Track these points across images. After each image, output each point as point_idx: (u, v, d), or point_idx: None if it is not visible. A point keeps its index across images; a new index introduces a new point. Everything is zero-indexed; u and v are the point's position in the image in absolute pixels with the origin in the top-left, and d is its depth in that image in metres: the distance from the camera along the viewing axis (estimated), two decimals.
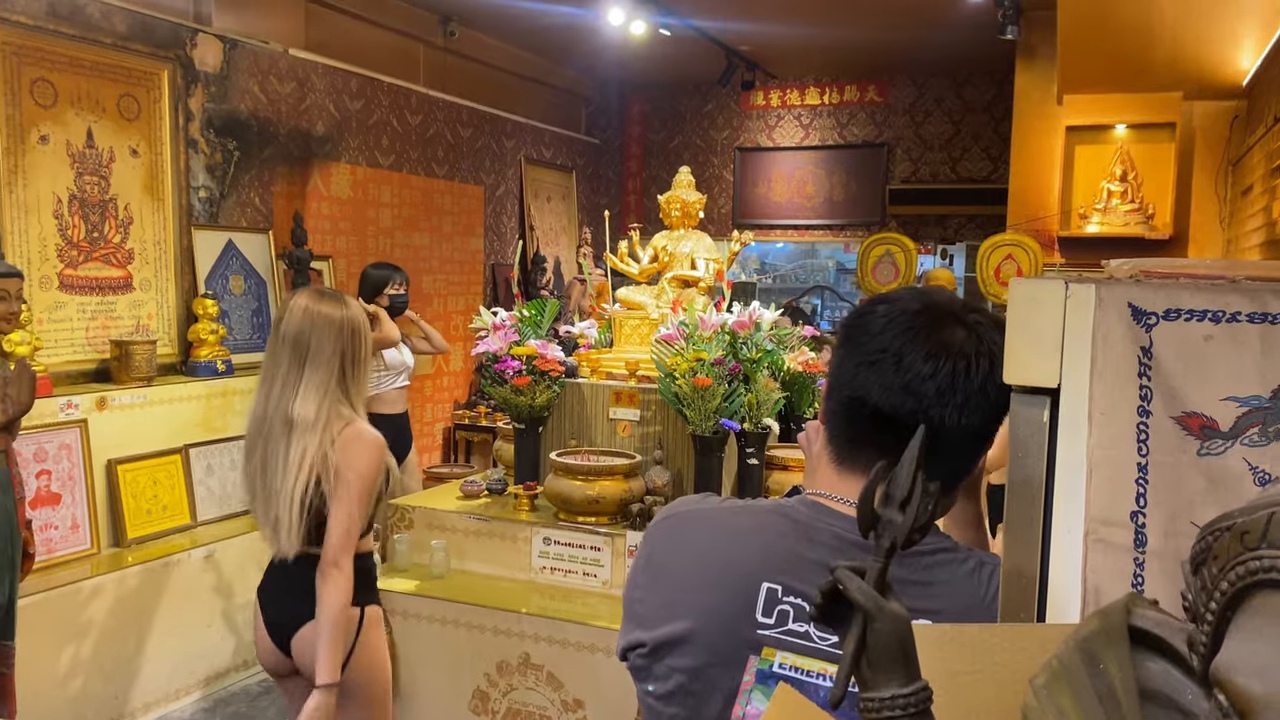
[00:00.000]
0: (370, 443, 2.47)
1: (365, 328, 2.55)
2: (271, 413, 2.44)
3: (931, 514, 0.84)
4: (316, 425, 2.41)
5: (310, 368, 2.43)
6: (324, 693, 2.37)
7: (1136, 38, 4.67)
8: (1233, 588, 0.53)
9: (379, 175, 6.36)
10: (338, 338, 2.45)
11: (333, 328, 2.45)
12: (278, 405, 2.44)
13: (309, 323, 2.44)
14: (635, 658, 1.17)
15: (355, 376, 2.50)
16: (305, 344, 2.43)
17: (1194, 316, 0.91)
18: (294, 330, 2.44)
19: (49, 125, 4.20)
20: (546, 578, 3.24)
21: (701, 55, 7.50)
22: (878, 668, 0.78)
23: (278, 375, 2.45)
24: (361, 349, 2.51)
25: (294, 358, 2.44)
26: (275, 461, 2.43)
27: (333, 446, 2.42)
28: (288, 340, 2.45)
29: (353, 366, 2.49)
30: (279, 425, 2.43)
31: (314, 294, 2.52)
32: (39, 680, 3.53)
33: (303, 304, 2.47)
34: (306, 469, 2.40)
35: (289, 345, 2.44)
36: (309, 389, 2.42)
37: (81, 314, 4.37)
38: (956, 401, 1.07)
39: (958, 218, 8.27)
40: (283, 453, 2.42)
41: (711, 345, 3.21)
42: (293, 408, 2.42)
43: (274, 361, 2.48)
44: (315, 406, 2.42)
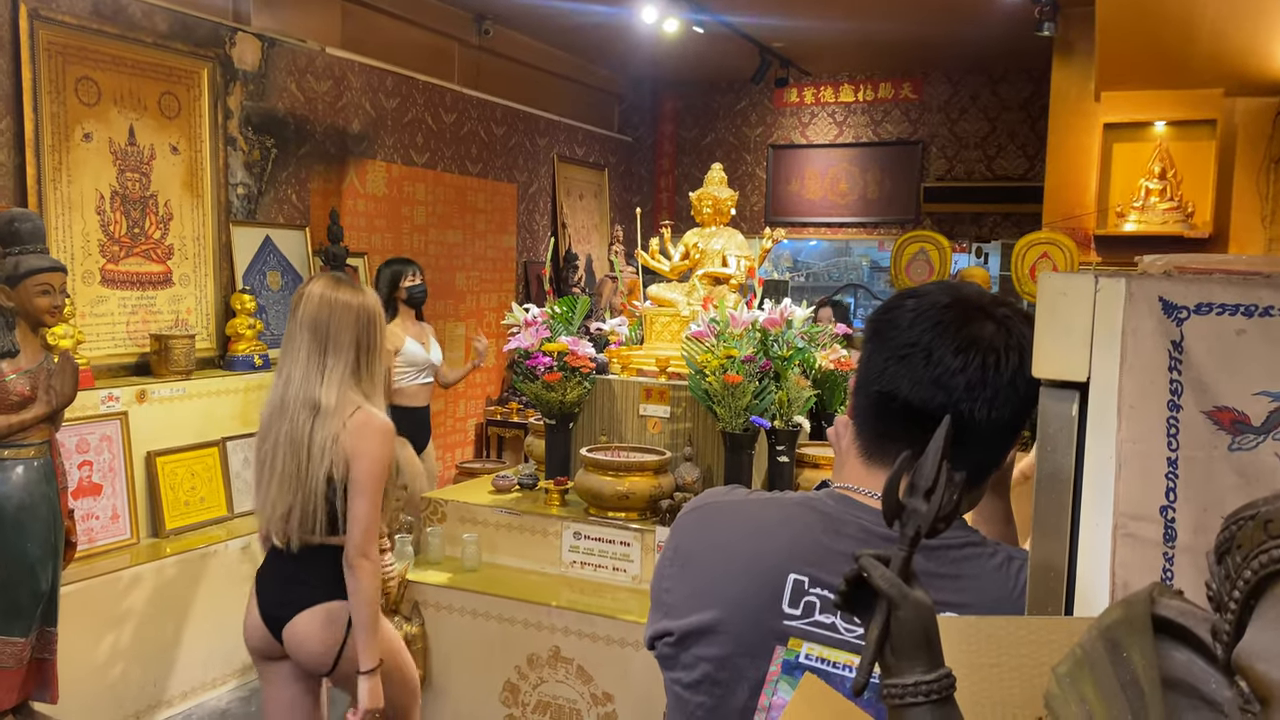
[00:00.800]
0: (381, 427, 2.46)
1: (381, 317, 2.55)
2: (293, 398, 2.43)
3: (956, 504, 0.84)
4: (337, 412, 2.41)
5: (331, 354, 2.43)
6: (369, 678, 2.41)
7: (1176, 33, 4.61)
8: (1255, 576, 0.53)
9: (414, 173, 6.42)
10: (355, 324, 2.46)
11: (350, 314, 2.45)
12: (300, 391, 2.43)
13: (327, 309, 2.45)
14: (662, 646, 1.18)
15: (369, 364, 2.50)
16: (324, 330, 2.44)
17: (1226, 310, 0.91)
18: (311, 316, 2.45)
19: (92, 123, 4.28)
20: (576, 572, 3.26)
21: (735, 52, 7.49)
22: (901, 655, 0.79)
23: (297, 361, 2.45)
24: (376, 337, 2.51)
25: (314, 344, 2.44)
26: (297, 447, 2.41)
27: (344, 431, 2.41)
28: (305, 326, 2.45)
29: (367, 354, 2.49)
30: (304, 411, 2.42)
31: (331, 280, 2.52)
32: (80, 666, 3.61)
33: (319, 291, 2.48)
34: (328, 454, 2.40)
35: (307, 331, 2.45)
36: (331, 375, 2.43)
37: (122, 308, 4.45)
38: (986, 395, 1.07)
39: (993, 216, 8.20)
40: (307, 438, 2.41)
41: (742, 342, 3.21)
42: (318, 393, 2.41)
43: (292, 348, 2.47)
44: (335, 393, 2.42)
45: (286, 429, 2.43)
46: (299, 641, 2.48)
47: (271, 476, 2.45)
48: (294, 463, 2.41)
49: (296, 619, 2.47)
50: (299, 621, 2.47)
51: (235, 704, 4.19)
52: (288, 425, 2.43)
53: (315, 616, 2.48)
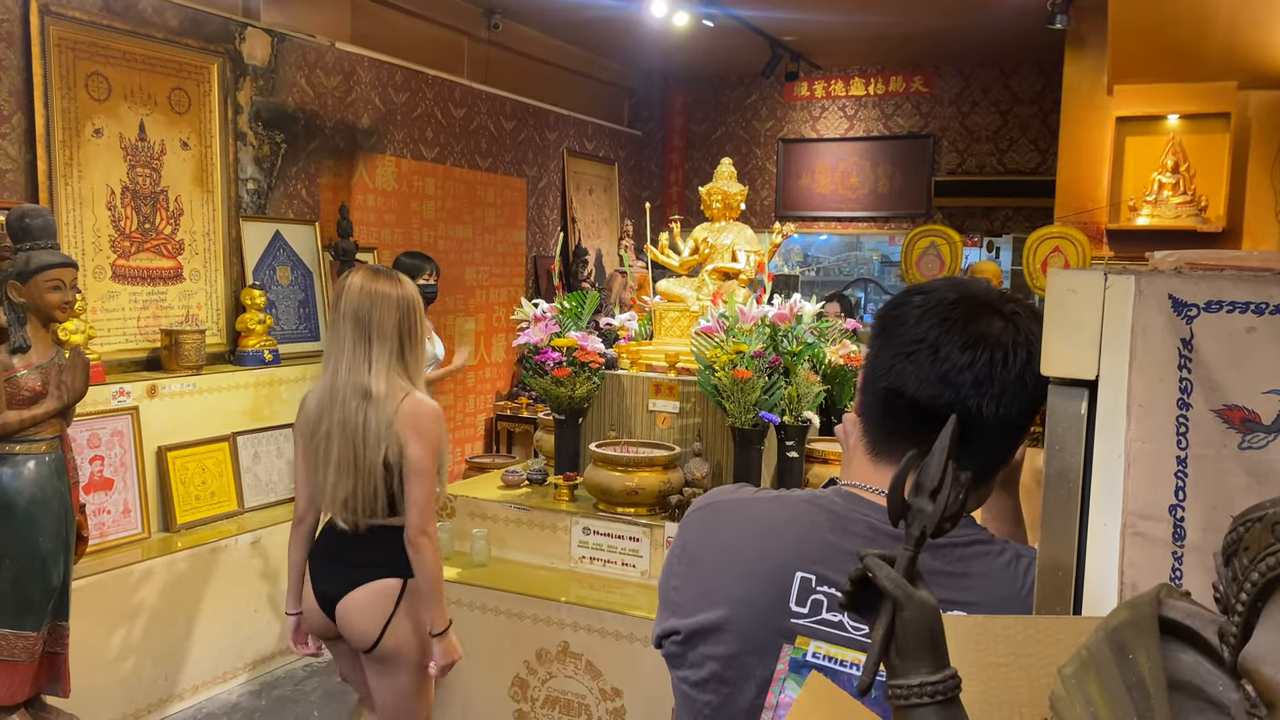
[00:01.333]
0: (431, 412, 2.58)
1: (420, 304, 2.64)
2: (342, 386, 2.53)
3: (962, 503, 0.84)
4: (388, 398, 2.52)
5: (376, 343, 2.53)
6: (442, 639, 2.59)
7: (1190, 26, 4.57)
8: (1263, 578, 0.53)
9: (423, 168, 6.42)
10: (396, 313, 2.55)
11: (391, 304, 2.55)
12: (348, 379, 2.53)
13: (368, 300, 2.54)
14: (670, 645, 1.18)
15: (413, 350, 2.60)
16: (367, 320, 2.53)
17: (1236, 308, 0.90)
18: (354, 307, 2.54)
19: (103, 118, 4.29)
20: (586, 567, 3.26)
21: (745, 46, 7.46)
22: (906, 655, 0.78)
23: (344, 351, 2.55)
24: (418, 325, 2.62)
25: (358, 334, 2.54)
26: (353, 434, 2.52)
27: (396, 417, 2.51)
28: (348, 317, 2.55)
29: (410, 341, 2.59)
30: (355, 399, 2.52)
31: (369, 272, 2.62)
32: (91, 660, 3.63)
33: (359, 282, 2.57)
34: (382, 440, 2.51)
35: (350, 322, 2.54)
36: (379, 364, 2.53)
37: (133, 303, 4.46)
38: (994, 391, 1.07)
39: (1004, 210, 8.16)
40: (362, 424, 2.51)
41: (751, 338, 3.21)
42: (367, 381, 2.52)
43: (337, 338, 2.58)
44: (384, 380, 2.52)
45: (339, 417, 2.54)
46: (349, 617, 2.60)
47: (328, 464, 2.56)
48: (350, 449, 2.52)
49: (349, 596, 2.60)
50: (351, 598, 2.60)
51: (245, 698, 4.21)
52: (340, 413, 2.54)
53: (365, 593, 2.60)
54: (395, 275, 2.64)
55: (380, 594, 2.60)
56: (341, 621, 2.62)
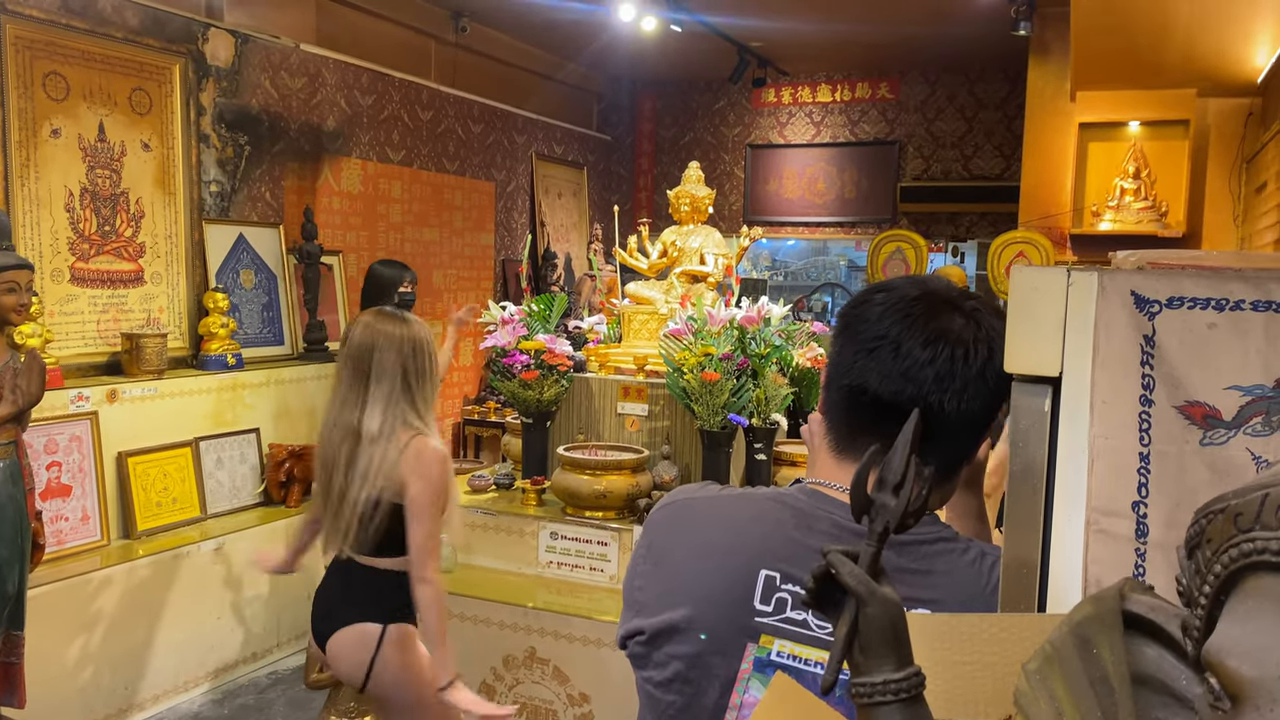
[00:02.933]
0: (435, 455, 2.58)
1: (429, 344, 2.66)
2: (333, 423, 2.59)
3: (925, 499, 0.83)
4: (381, 438, 2.53)
5: (374, 382, 2.56)
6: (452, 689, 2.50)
7: (1150, 34, 4.64)
8: (1226, 570, 0.52)
9: (390, 170, 6.38)
10: (398, 352, 2.57)
11: (393, 343, 2.57)
12: (339, 418, 2.58)
13: (369, 339, 2.58)
14: (634, 645, 1.17)
15: (421, 389, 2.61)
16: (367, 360, 2.57)
17: (1197, 304, 0.90)
18: (355, 347, 2.59)
19: (61, 119, 4.22)
20: (553, 572, 3.24)
21: (713, 52, 7.49)
22: (870, 652, 0.78)
23: (341, 390, 2.61)
24: (426, 363, 2.63)
25: (356, 373, 2.58)
26: (343, 472, 2.55)
27: (400, 457, 2.52)
28: (350, 357, 2.60)
29: (417, 379, 2.60)
30: (347, 438, 2.56)
31: (377, 313, 2.66)
32: (48, 670, 3.55)
33: (365, 321, 2.63)
34: (374, 479, 2.52)
35: (350, 362, 2.59)
36: (374, 403, 2.55)
37: (93, 307, 4.39)
38: (955, 387, 1.07)
39: (969, 215, 8.24)
40: (343, 462, 2.55)
41: (720, 340, 3.21)
42: (360, 421, 2.55)
43: (339, 378, 2.64)
44: (380, 420, 2.54)
45: (329, 454, 2.60)
46: (335, 656, 2.63)
47: (329, 501, 2.61)
48: (336, 486, 2.57)
49: (335, 635, 2.62)
50: (335, 639, 2.62)
51: (207, 707, 4.14)
52: (330, 451, 2.59)
53: (349, 635, 2.60)
54: (402, 316, 2.66)
55: (360, 638, 2.59)
56: (330, 659, 2.65)
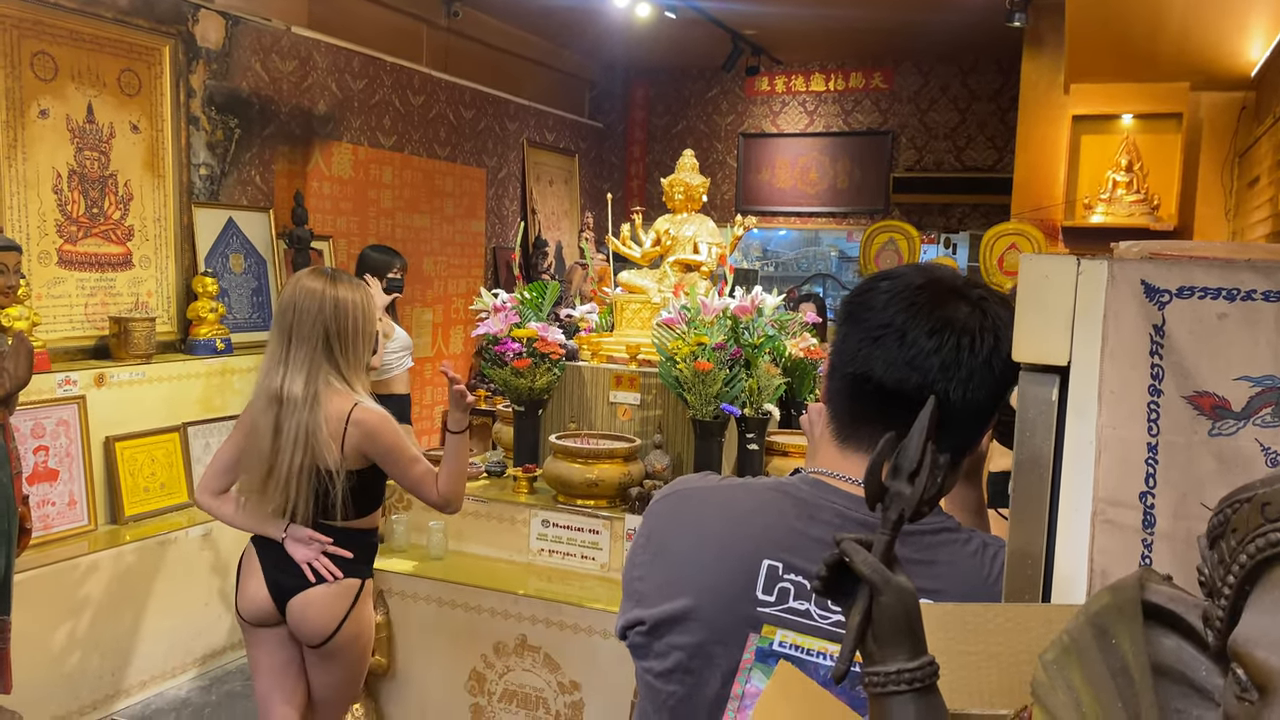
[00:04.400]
0: (381, 415, 2.55)
1: (356, 304, 2.55)
2: (261, 391, 2.52)
3: (941, 487, 0.82)
4: (305, 402, 2.45)
5: (295, 344, 2.48)
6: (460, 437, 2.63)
7: (1144, 27, 4.64)
8: (1252, 560, 0.52)
9: (381, 156, 6.34)
10: (319, 312, 2.48)
11: (314, 302, 2.48)
12: (266, 382, 2.51)
13: (291, 299, 2.50)
14: (634, 636, 1.16)
15: (344, 351, 2.53)
16: (288, 320, 2.49)
17: (1208, 294, 0.90)
18: (280, 307, 2.53)
19: (49, 99, 4.17)
20: (544, 560, 3.23)
21: (706, 39, 7.45)
22: (883, 641, 0.77)
23: (270, 353, 2.53)
24: (348, 323, 2.53)
25: (280, 334, 2.51)
26: (269, 439, 2.48)
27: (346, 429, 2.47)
28: (275, 317, 2.54)
29: (338, 340, 2.51)
30: (268, 402, 2.49)
31: (308, 272, 2.58)
32: (35, 656, 3.53)
33: (292, 279, 2.56)
34: (303, 446, 2.45)
35: (276, 322, 2.53)
36: (295, 365, 2.48)
37: (80, 290, 4.35)
38: (961, 376, 1.06)
39: (962, 207, 8.24)
40: (271, 429, 2.47)
41: (713, 330, 3.20)
42: (281, 385, 2.47)
43: (270, 340, 2.57)
44: (303, 383, 2.46)
45: (254, 419, 2.52)
46: (304, 613, 2.56)
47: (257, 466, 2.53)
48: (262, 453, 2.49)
49: (308, 592, 2.55)
50: (310, 594, 2.55)
51: (195, 693, 4.12)
52: (259, 417, 2.51)
53: (327, 590, 2.56)
54: (335, 274, 2.57)
55: (341, 592, 2.58)
56: (294, 616, 2.58)
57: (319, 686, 2.72)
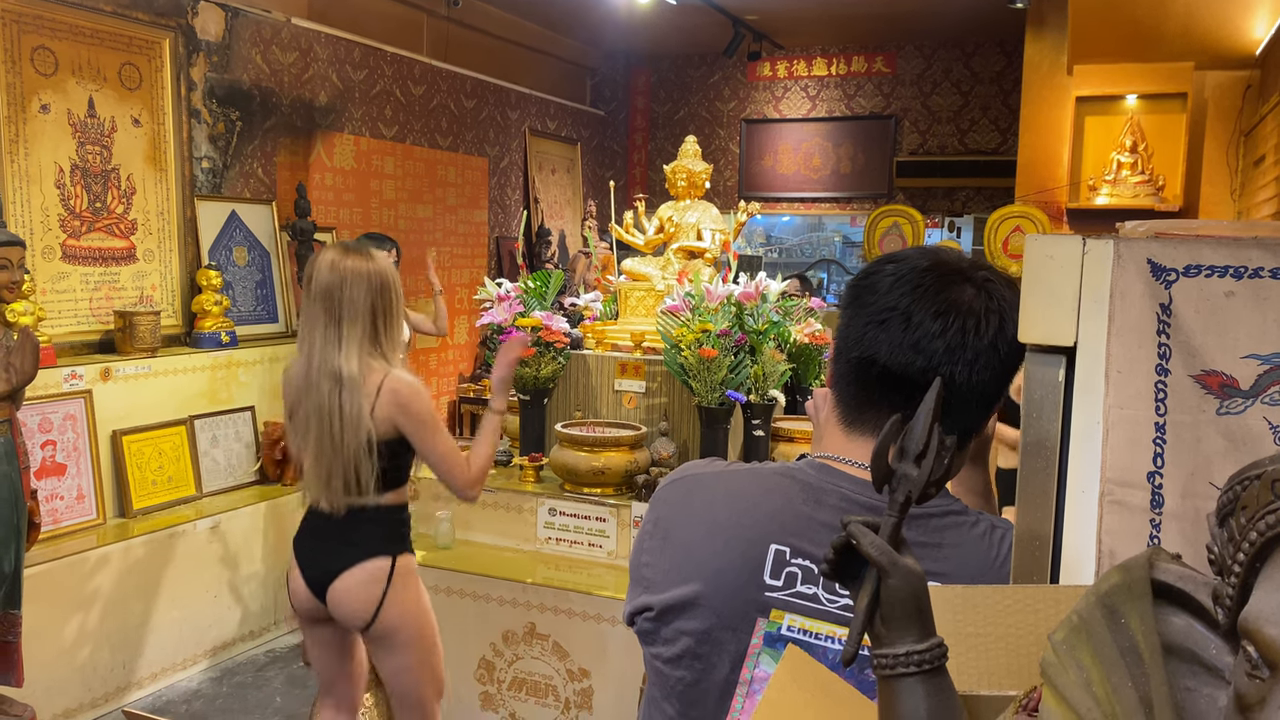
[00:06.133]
0: (410, 386, 2.52)
1: (395, 279, 2.57)
2: (316, 369, 2.48)
3: (948, 469, 0.82)
4: (364, 380, 2.46)
5: (347, 323, 2.47)
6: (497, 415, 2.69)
7: (1148, 7, 4.61)
8: (1262, 537, 0.51)
9: (382, 146, 6.32)
10: (368, 290, 2.48)
11: (361, 280, 2.48)
12: (322, 362, 2.47)
13: (337, 277, 2.48)
14: (642, 622, 1.16)
15: (387, 328, 2.53)
16: (336, 299, 2.47)
17: (1215, 272, 0.89)
18: (323, 286, 2.48)
19: (50, 94, 4.16)
20: (552, 548, 3.24)
21: (708, 25, 7.42)
22: (892, 624, 0.77)
23: (316, 332, 2.49)
24: (393, 301, 2.54)
25: (328, 314, 2.48)
26: (328, 418, 2.45)
27: (379, 402, 2.46)
28: (318, 297, 2.49)
29: (384, 318, 2.52)
30: (327, 381, 2.46)
31: (339, 249, 2.55)
32: (45, 649, 3.55)
33: (329, 259, 2.51)
34: (362, 422, 2.45)
35: (320, 302, 2.48)
36: (349, 344, 2.46)
37: (85, 284, 4.35)
38: (966, 358, 1.06)
39: (966, 190, 8.21)
40: (337, 408, 2.45)
41: (717, 316, 3.19)
42: (338, 363, 2.45)
43: (309, 320, 2.52)
44: (357, 361, 2.46)
45: (315, 401, 2.48)
46: (341, 599, 2.55)
47: (306, 448, 2.51)
48: (327, 435, 2.46)
49: (340, 577, 2.54)
50: (342, 580, 2.54)
51: (206, 684, 4.14)
52: (315, 397, 2.48)
53: (357, 574, 2.54)
54: (366, 251, 2.57)
55: (372, 574, 2.55)
56: (333, 604, 2.57)
57: (388, 677, 2.67)
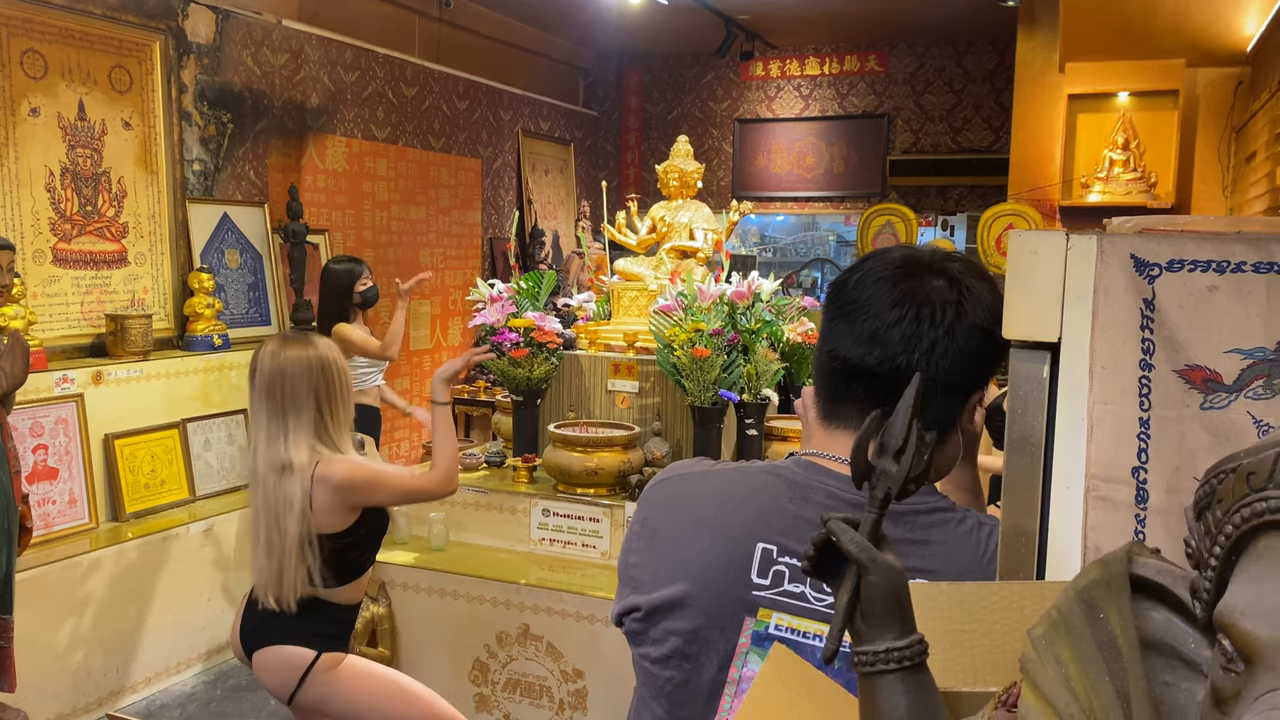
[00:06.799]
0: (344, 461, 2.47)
1: (336, 365, 2.52)
2: (262, 464, 2.45)
3: (927, 464, 0.82)
4: (300, 469, 2.42)
5: (291, 413, 2.44)
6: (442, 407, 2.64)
7: (1139, 4, 4.61)
8: (1238, 530, 0.51)
9: (375, 148, 6.32)
10: (309, 378, 2.45)
11: (301, 368, 2.45)
12: (266, 455, 2.45)
13: (278, 369, 2.45)
14: (630, 622, 1.16)
15: (333, 414, 2.50)
16: (279, 391, 2.44)
17: (1198, 267, 0.89)
18: (265, 381, 2.46)
19: (39, 97, 4.15)
20: (545, 549, 3.24)
21: (700, 25, 7.42)
22: (872, 621, 0.76)
23: (260, 427, 2.47)
24: (336, 384, 2.50)
25: (271, 406, 2.45)
26: (276, 511, 2.43)
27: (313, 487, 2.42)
28: (261, 392, 2.47)
29: (328, 404, 2.48)
30: (273, 474, 2.43)
31: (279, 340, 2.53)
32: (38, 654, 3.54)
33: (269, 350, 2.49)
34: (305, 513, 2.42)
35: (264, 396, 2.46)
36: (295, 434, 2.44)
37: (76, 288, 4.34)
38: (922, 348, 1.05)
39: (959, 189, 8.22)
40: (284, 500, 2.42)
41: (710, 316, 3.19)
42: (285, 454, 2.42)
43: (255, 413, 2.50)
44: (308, 450, 2.44)
45: (262, 498, 2.46)
46: (260, 670, 2.56)
47: (256, 543, 2.48)
48: (276, 529, 2.43)
49: (262, 651, 2.53)
50: (263, 654, 2.53)
51: (201, 688, 4.13)
52: (261, 493, 2.46)
53: (276, 655, 2.51)
54: (306, 338, 2.53)
55: (287, 662, 2.50)
56: (257, 671, 2.56)
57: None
